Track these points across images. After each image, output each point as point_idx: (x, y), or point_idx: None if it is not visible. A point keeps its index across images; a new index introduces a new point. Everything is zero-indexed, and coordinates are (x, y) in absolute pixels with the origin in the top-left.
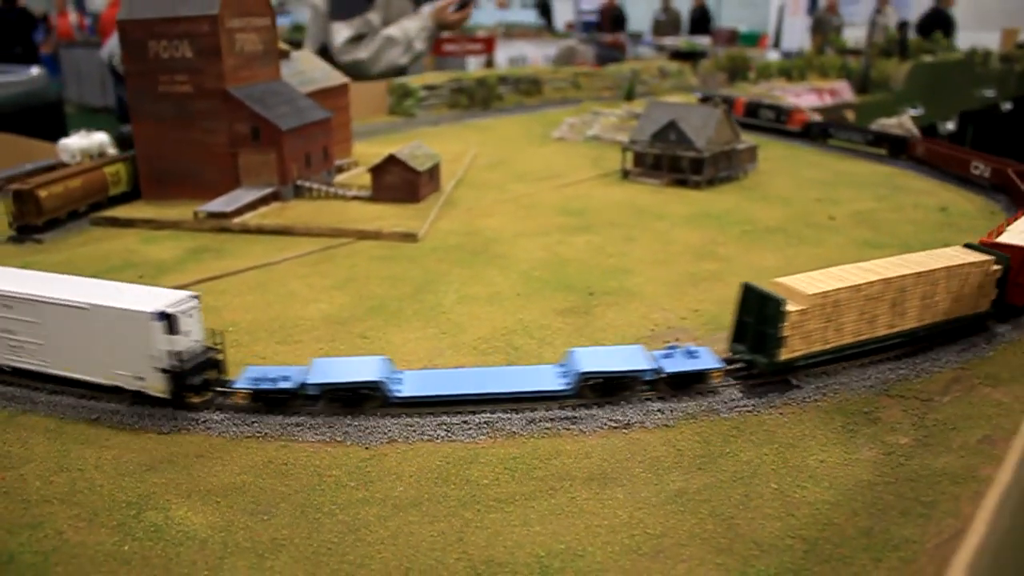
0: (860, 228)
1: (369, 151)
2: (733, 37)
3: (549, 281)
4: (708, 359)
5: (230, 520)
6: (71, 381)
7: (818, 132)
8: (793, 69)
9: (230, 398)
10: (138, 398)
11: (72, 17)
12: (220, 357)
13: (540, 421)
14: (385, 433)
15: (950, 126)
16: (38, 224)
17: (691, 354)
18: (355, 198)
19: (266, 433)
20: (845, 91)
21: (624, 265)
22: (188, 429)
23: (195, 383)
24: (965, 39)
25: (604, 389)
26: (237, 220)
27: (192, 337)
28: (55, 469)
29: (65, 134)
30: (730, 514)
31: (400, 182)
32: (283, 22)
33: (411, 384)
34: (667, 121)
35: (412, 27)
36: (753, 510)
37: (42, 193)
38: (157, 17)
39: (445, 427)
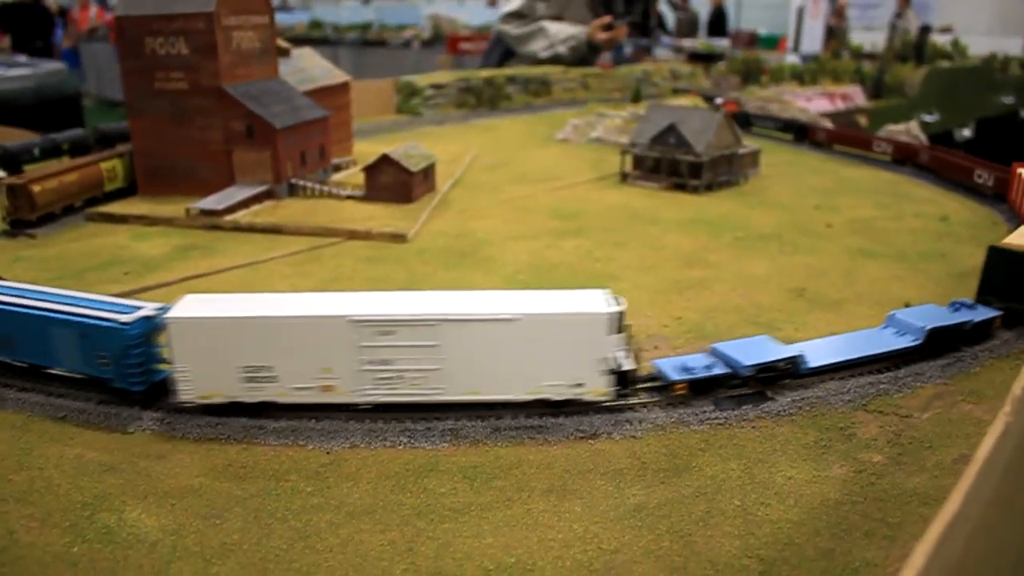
0: (856, 236)
1: (370, 150)
2: (753, 40)
3: (532, 285)
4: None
5: (182, 523)
6: (464, 406)
7: (742, 120)
8: (806, 73)
9: (667, 392)
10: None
11: (92, 11)
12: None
13: (505, 429)
14: (348, 438)
15: (966, 133)
16: (32, 219)
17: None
18: (349, 197)
19: (229, 435)
20: (858, 96)
21: (610, 271)
22: (153, 430)
23: (636, 382)
24: (986, 45)
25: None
26: (229, 218)
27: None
28: (15, 467)
29: (82, 125)
30: (688, 531)
31: (393, 182)
32: (301, 19)
33: (812, 356)
34: (667, 124)
35: (564, 31)
36: (713, 527)
37: (36, 188)
38: (153, 14)
39: (408, 433)
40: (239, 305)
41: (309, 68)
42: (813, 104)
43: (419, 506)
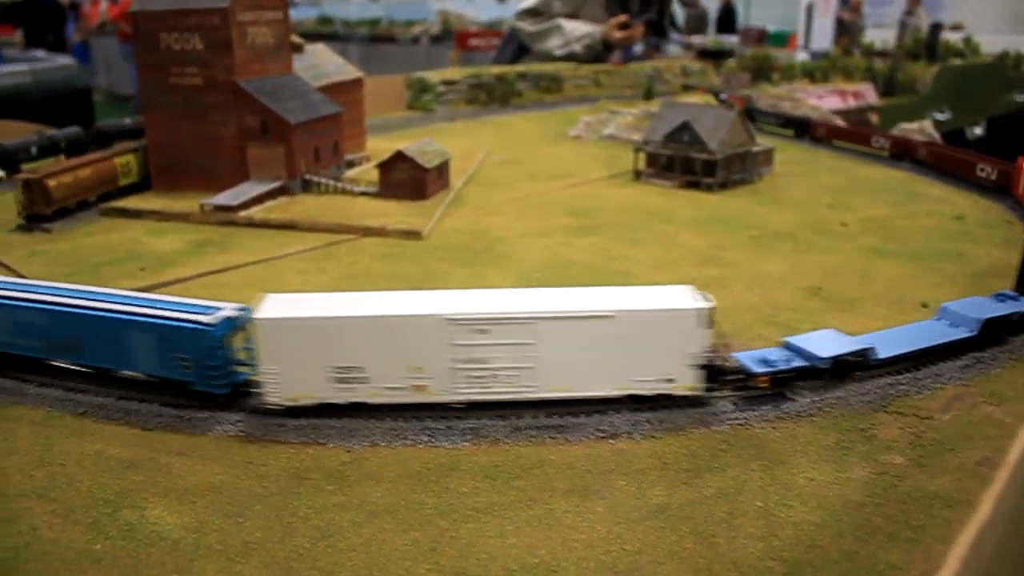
0: (871, 235)
1: (383, 146)
2: (762, 36)
3: (548, 283)
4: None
5: (204, 521)
6: (555, 402)
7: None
8: (817, 71)
9: (748, 385)
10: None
11: (103, 6)
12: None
13: (525, 429)
14: (368, 436)
15: (978, 131)
16: (47, 213)
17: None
18: (363, 194)
19: (249, 433)
20: (869, 93)
21: (625, 268)
22: (174, 427)
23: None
24: (996, 42)
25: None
26: (243, 214)
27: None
28: (36, 463)
29: (93, 121)
30: (711, 532)
31: (408, 179)
32: (309, 14)
33: (880, 348)
34: (681, 122)
35: (580, 30)
36: (736, 529)
37: (51, 183)
38: (169, 9)
39: (428, 432)
40: (328, 305)
41: (322, 64)
42: (825, 102)
43: (441, 506)
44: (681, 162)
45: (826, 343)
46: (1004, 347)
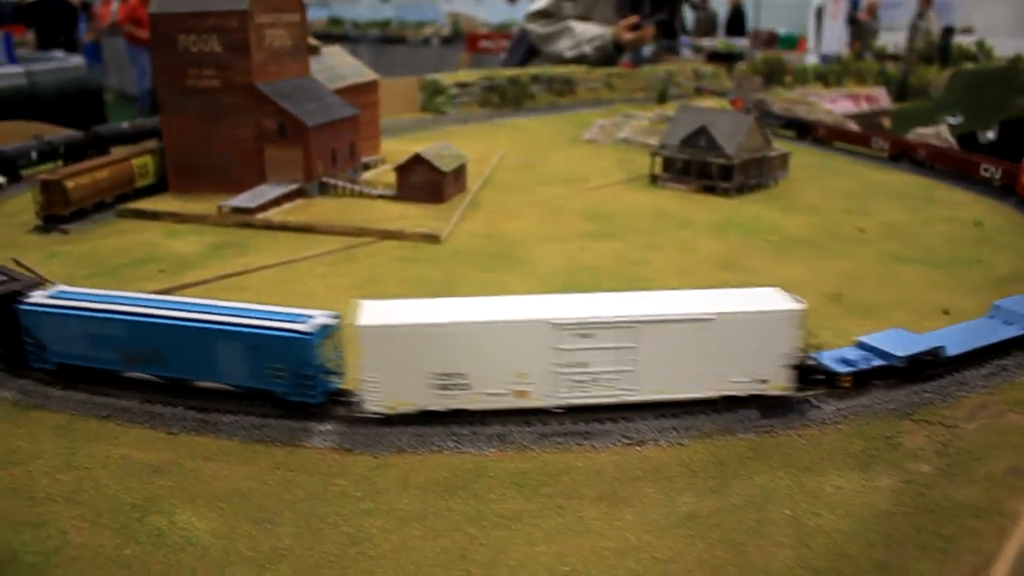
0: (889, 241)
1: (398, 148)
2: (772, 39)
3: (569, 288)
4: None
5: (233, 527)
6: (652, 405)
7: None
8: (830, 74)
9: (835, 384)
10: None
11: (115, 6)
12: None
13: (552, 435)
14: (394, 441)
15: (990, 135)
16: (65, 215)
17: None
18: (380, 197)
19: (274, 437)
20: (882, 98)
21: (646, 274)
22: (198, 430)
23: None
24: (1008, 46)
25: None
26: (260, 216)
27: None
28: (62, 467)
29: (104, 120)
30: (741, 541)
31: (425, 182)
32: (319, 15)
33: (947, 345)
34: (697, 126)
35: (590, 32)
36: (765, 537)
37: (70, 184)
38: (187, 11)
39: (455, 437)
40: (427, 310)
41: (339, 66)
42: (838, 106)
43: (470, 512)
44: (697, 166)
45: (899, 342)
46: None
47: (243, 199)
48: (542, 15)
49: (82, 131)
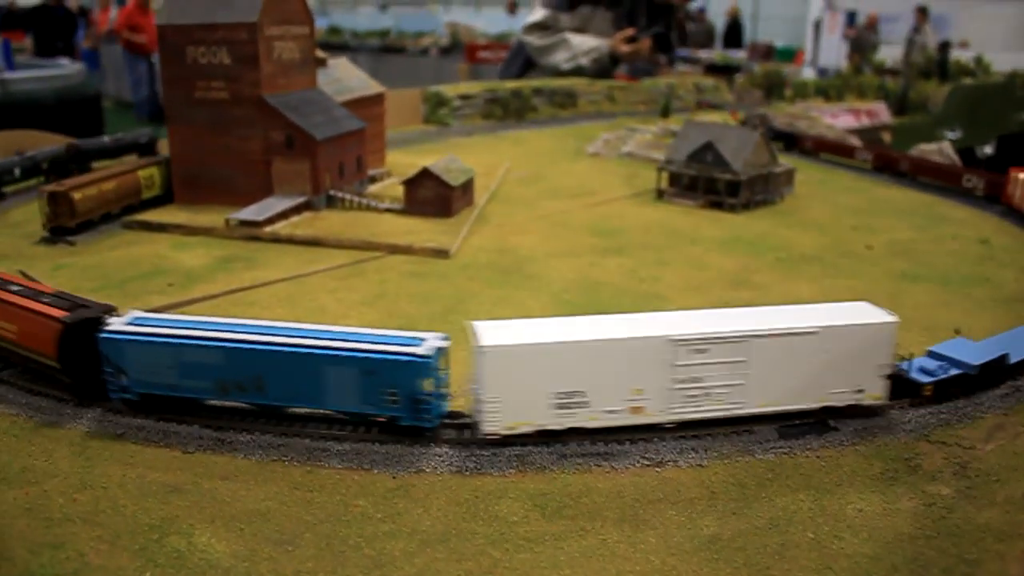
0: (898, 259)
1: (402, 161)
2: (769, 52)
3: (580, 305)
4: None
5: (254, 549)
6: (757, 418)
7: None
8: (830, 89)
9: (919, 394)
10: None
11: (113, 12)
12: None
13: (571, 456)
14: (413, 462)
15: (988, 149)
16: (71, 226)
17: None
18: (387, 210)
19: (292, 457)
20: (883, 112)
21: (657, 291)
22: (214, 449)
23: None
24: (1004, 60)
25: None
26: (268, 229)
27: None
28: (78, 486)
29: (102, 129)
30: (765, 564)
31: (433, 196)
32: (319, 24)
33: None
34: (704, 142)
35: (588, 44)
36: (789, 561)
37: (76, 195)
38: (196, 23)
39: (474, 458)
40: (544, 330)
41: (345, 78)
42: (839, 120)
43: (492, 535)
44: (704, 182)
45: (967, 350)
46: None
47: (251, 212)
48: (539, 27)
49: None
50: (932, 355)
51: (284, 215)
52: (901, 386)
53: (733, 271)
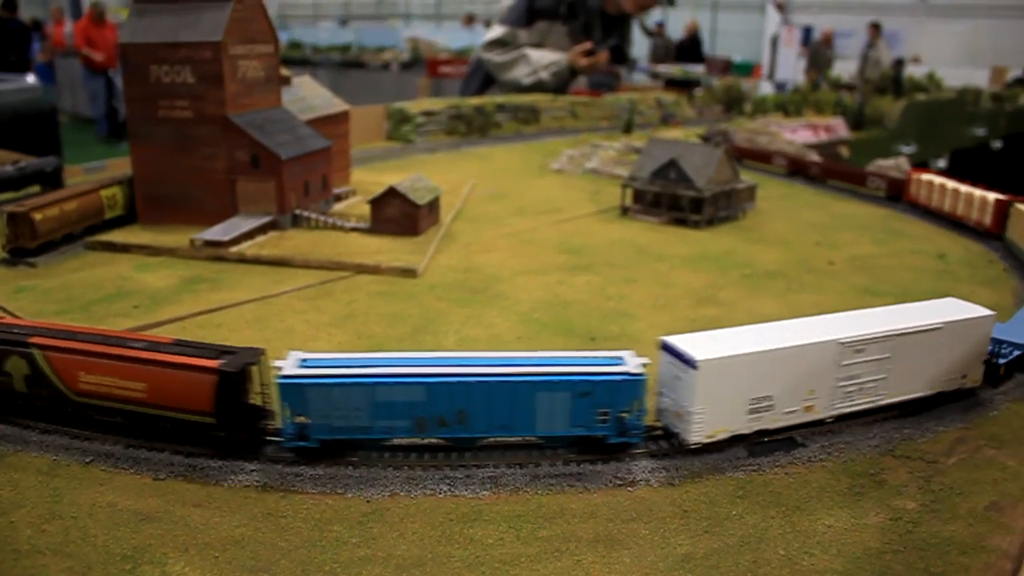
0: (859, 274)
1: (367, 179)
2: (727, 67)
3: (549, 324)
4: None
5: None
6: (892, 406)
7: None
8: (789, 104)
9: (997, 374)
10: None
11: (68, 26)
12: None
13: (544, 477)
14: (387, 486)
15: (941, 163)
16: (31, 247)
17: None
18: (353, 229)
19: (265, 483)
20: (840, 128)
21: (625, 308)
22: (185, 476)
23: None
24: (954, 76)
25: None
26: (234, 249)
27: None
28: (47, 516)
29: (58, 144)
30: None
31: (400, 215)
32: (281, 38)
33: None
34: (667, 159)
35: (547, 58)
36: None
37: (37, 216)
38: (160, 42)
39: (448, 481)
40: (740, 340)
41: (309, 97)
42: (798, 135)
43: (468, 558)
44: (668, 199)
45: (1014, 330)
46: (999, 389)
47: (216, 232)
48: (498, 44)
49: (37, 155)
50: (992, 340)
51: (250, 235)
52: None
53: (699, 288)
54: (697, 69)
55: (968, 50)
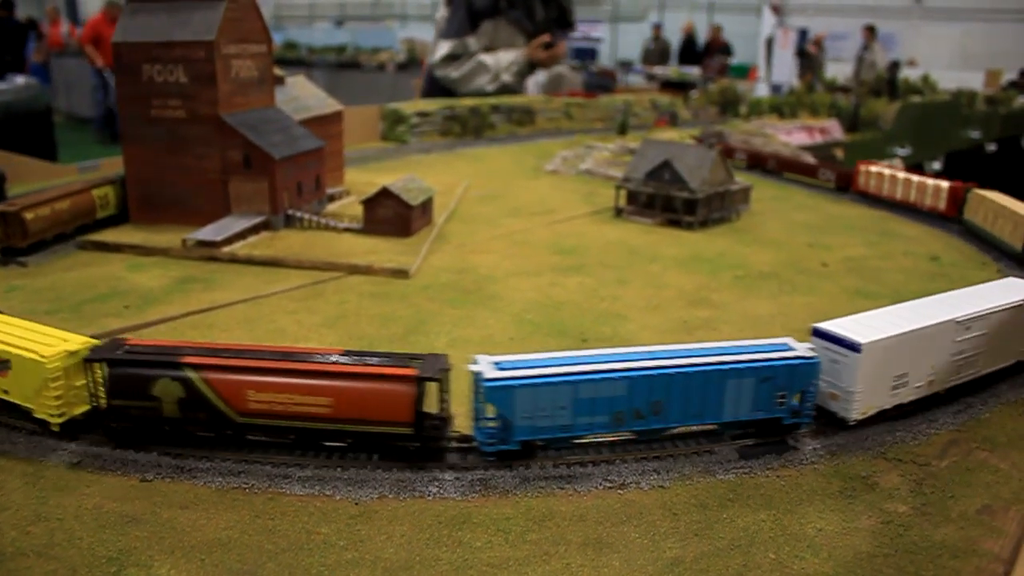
0: (852, 276)
1: (360, 179)
2: (723, 68)
3: (542, 325)
4: None
5: None
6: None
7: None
8: (784, 106)
9: None
10: None
11: (64, 26)
12: None
13: (533, 480)
14: (375, 488)
15: (936, 166)
16: (22, 247)
17: None
18: (346, 230)
19: (253, 484)
20: (835, 129)
21: (617, 310)
22: (173, 477)
23: None
24: (949, 79)
25: None
26: (226, 249)
27: None
28: (32, 519)
29: (54, 144)
30: None
31: (393, 216)
32: (275, 40)
33: None
34: (661, 160)
35: (505, 59)
36: None
37: (28, 215)
38: (152, 41)
39: (437, 483)
40: (887, 321)
41: (303, 97)
42: (793, 137)
43: (457, 561)
44: (662, 200)
45: None
46: (992, 391)
47: (208, 232)
48: (450, 59)
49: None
50: None
51: (242, 235)
52: None
53: (692, 289)
54: (693, 71)
55: (963, 53)
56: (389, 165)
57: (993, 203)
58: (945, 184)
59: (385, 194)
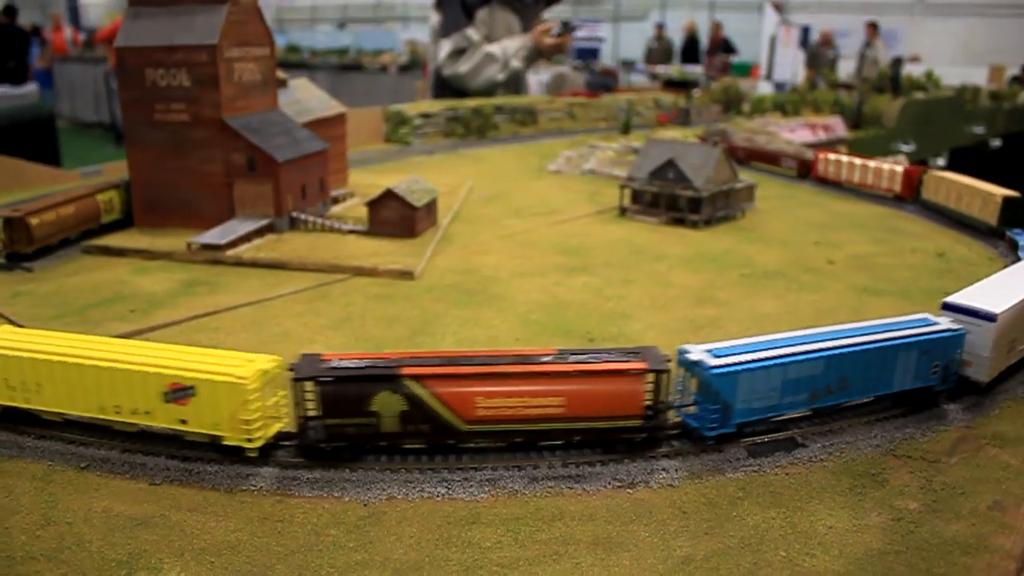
0: (859, 273)
1: (364, 181)
2: (726, 67)
3: (547, 325)
4: None
5: None
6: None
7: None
8: (787, 104)
9: None
10: None
11: (67, 32)
12: None
13: (543, 480)
14: (384, 489)
15: (940, 162)
16: (28, 252)
17: None
18: (351, 232)
19: (261, 487)
20: (839, 127)
21: (622, 309)
22: (181, 480)
23: None
24: (952, 74)
25: None
26: (231, 252)
27: None
28: (42, 522)
29: (57, 150)
30: None
31: (397, 217)
32: (277, 43)
33: None
34: (665, 159)
35: (512, 46)
36: None
37: (33, 221)
38: (155, 45)
39: (445, 483)
40: (1006, 295)
41: (306, 99)
42: (797, 135)
43: (467, 561)
44: (666, 199)
45: None
46: (1001, 388)
47: (212, 235)
48: (456, 55)
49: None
50: None
51: (247, 238)
52: None
53: (697, 288)
54: (695, 70)
55: (966, 48)
56: (392, 166)
57: (955, 183)
58: (899, 168)
59: (389, 196)
